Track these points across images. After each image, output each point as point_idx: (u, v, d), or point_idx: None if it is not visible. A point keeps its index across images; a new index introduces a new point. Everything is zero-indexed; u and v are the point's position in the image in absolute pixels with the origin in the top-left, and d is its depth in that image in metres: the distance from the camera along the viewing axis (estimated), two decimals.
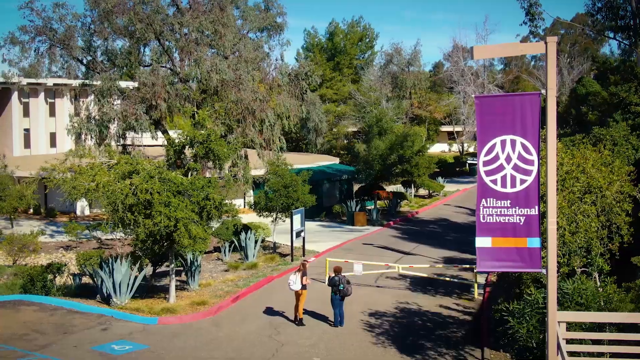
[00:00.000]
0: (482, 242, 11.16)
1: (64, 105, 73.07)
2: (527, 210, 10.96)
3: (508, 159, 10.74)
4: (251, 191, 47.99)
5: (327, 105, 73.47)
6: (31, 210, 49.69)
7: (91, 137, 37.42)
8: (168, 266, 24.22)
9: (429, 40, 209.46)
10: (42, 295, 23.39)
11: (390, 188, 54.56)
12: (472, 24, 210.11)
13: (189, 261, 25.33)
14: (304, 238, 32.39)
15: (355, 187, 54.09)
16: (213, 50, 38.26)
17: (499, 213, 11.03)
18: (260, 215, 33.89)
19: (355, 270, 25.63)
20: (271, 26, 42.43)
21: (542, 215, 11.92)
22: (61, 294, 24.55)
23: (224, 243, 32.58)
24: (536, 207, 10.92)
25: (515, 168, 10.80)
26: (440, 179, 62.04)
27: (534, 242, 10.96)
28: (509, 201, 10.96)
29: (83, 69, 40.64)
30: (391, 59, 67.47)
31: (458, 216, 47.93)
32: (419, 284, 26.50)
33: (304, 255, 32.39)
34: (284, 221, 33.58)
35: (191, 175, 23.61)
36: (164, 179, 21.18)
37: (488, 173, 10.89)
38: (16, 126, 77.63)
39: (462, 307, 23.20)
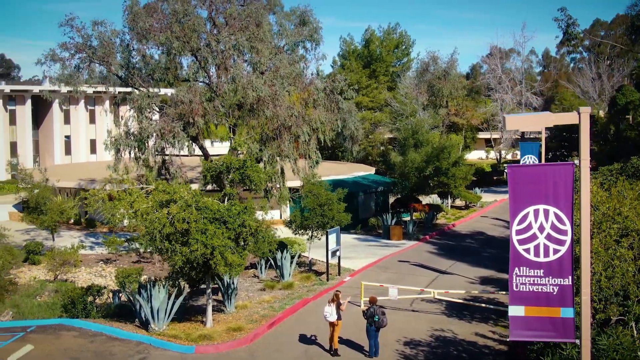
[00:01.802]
0: (515, 310, 11.08)
1: (104, 112, 74.15)
2: (560, 280, 10.85)
3: (541, 229, 10.67)
4: (287, 207, 48.23)
5: (363, 113, 73.39)
6: (72, 221, 50.58)
7: (129, 152, 37.91)
8: (205, 287, 24.47)
9: (462, 40, 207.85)
10: (83, 320, 23.78)
11: (426, 199, 54.34)
12: (505, 23, 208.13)
13: (225, 282, 25.59)
14: (339, 257, 32.47)
15: (391, 198, 53.90)
16: (249, 66, 38.45)
17: (532, 282, 10.93)
18: (295, 233, 34.02)
19: (391, 295, 25.64)
20: (307, 40, 42.51)
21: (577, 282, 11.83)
22: (101, 315, 24.97)
23: (260, 260, 32.78)
24: (570, 277, 10.80)
25: (549, 237, 10.71)
26: (477, 190, 61.59)
27: (568, 312, 10.84)
28: (542, 270, 10.87)
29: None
30: (427, 68, 67.10)
31: (495, 229, 47.53)
32: (455, 308, 26.35)
33: (339, 274, 32.47)
34: (319, 239, 33.64)
35: (228, 200, 23.80)
36: (201, 207, 21.39)
37: (521, 242, 10.82)
38: (57, 133, 79.27)
39: (498, 336, 23.00)
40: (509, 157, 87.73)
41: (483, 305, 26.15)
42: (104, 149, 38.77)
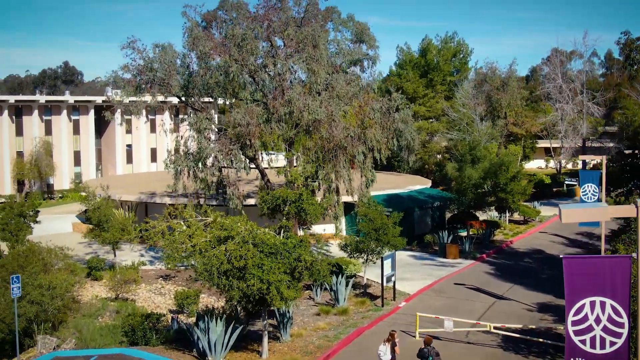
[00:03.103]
0: None
1: (165, 121, 75.77)
2: None
3: (597, 321, 10.56)
4: (342, 218, 48.47)
5: (420, 123, 72.97)
6: (132, 228, 51.79)
7: (188, 173, 38.66)
8: (261, 314, 24.77)
9: (522, 39, 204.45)
10: (142, 351, 24.39)
11: (483, 214, 53.72)
12: (567, 23, 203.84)
13: (281, 311, 25.89)
14: (394, 282, 32.48)
15: (448, 213, 53.51)
16: (305, 86, 38.72)
17: None
18: (351, 257, 34.14)
19: (446, 327, 25.57)
20: (364, 59, 42.61)
21: None
22: (160, 342, 25.58)
23: (316, 281, 33.00)
24: None
25: (605, 330, 10.59)
26: (535, 203, 60.56)
27: None
28: None
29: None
30: (485, 78, 66.31)
31: (554, 247, 46.74)
32: (511, 341, 26.03)
33: (394, 298, 32.46)
34: (374, 262, 33.67)
35: (283, 232, 24.11)
36: (257, 242, 21.73)
37: (577, 333, 10.73)
38: (119, 143, 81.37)
39: None
40: (569, 166, 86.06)
41: (541, 340, 25.77)
42: (164, 167, 39.61)
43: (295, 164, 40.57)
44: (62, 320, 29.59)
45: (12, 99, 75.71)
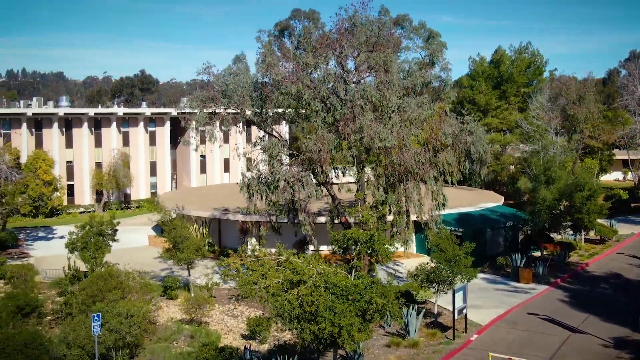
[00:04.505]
0: None
1: (237, 133, 77.02)
2: None
3: None
4: (413, 235, 48.29)
5: (492, 135, 71.93)
6: (206, 247, 53.00)
7: (261, 196, 39.31)
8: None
9: (599, 37, 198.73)
10: None
11: (557, 236, 52.58)
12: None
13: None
14: (466, 315, 32.25)
15: (520, 234, 52.60)
16: (376, 111, 38.76)
17: None
18: (422, 287, 34.06)
19: None
20: (435, 81, 42.41)
21: None
22: None
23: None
24: None
25: None
26: (612, 221, 58.83)
27: None
28: None
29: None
30: (560, 92, 64.84)
31: (631, 270, 45.47)
32: None
33: (465, 330, 32.23)
34: (445, 293, 33.49)
35: (354, 271, 24.31)
36: (329, 286, 21.99)
37: None
38: (193, 153, 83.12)
39: None
40: None
41: None
42: (239, 190, 40.38)
43: (365, 183, 40.68)
44: (139, 344, 30.59)
45: (91, 111, 78.43)
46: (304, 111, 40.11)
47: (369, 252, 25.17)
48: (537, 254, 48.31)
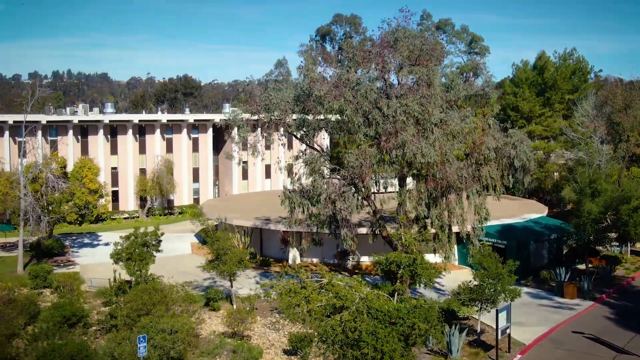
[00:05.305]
0: None
1: (279, 145, 77.49)
2: None
3: None
4: (455, 247, 47.93)
5: (536, 142, 71.11)
6: (248, 257, 53.39)
7: (302, 210, 39.45)
8: None
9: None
10: None
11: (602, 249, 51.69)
12: None
13: None
14: (509, 334, 31.90)
15: (565, 247, 51.82)
16: (418, 126, 38.60)
17: None
18: (464, 305, 33.81)
19: None
20: (478, 94, 42.09)
21: None
22: None
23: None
24: None
25: None
26: None
27: None
28: None
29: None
30: (606, 100, 63.62)
31: None
32: None
33: (509, 350, 31.89)
34: (488, 312, 33.20)
35: (397, 295, 24.27)
36: (372, 312, 22.00)
37: None
38: (235, 160, 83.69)
39: None
40: None
41: None
42: (280, 203, 40.60)
43: (407, 197, 40.51)
44: (182, 358, 30.95)
45: (136, 118, 79.56)
46: (346, 129, 40.20)
47: (411, 275, 25.08)
48: (582, 266, 47.56)
